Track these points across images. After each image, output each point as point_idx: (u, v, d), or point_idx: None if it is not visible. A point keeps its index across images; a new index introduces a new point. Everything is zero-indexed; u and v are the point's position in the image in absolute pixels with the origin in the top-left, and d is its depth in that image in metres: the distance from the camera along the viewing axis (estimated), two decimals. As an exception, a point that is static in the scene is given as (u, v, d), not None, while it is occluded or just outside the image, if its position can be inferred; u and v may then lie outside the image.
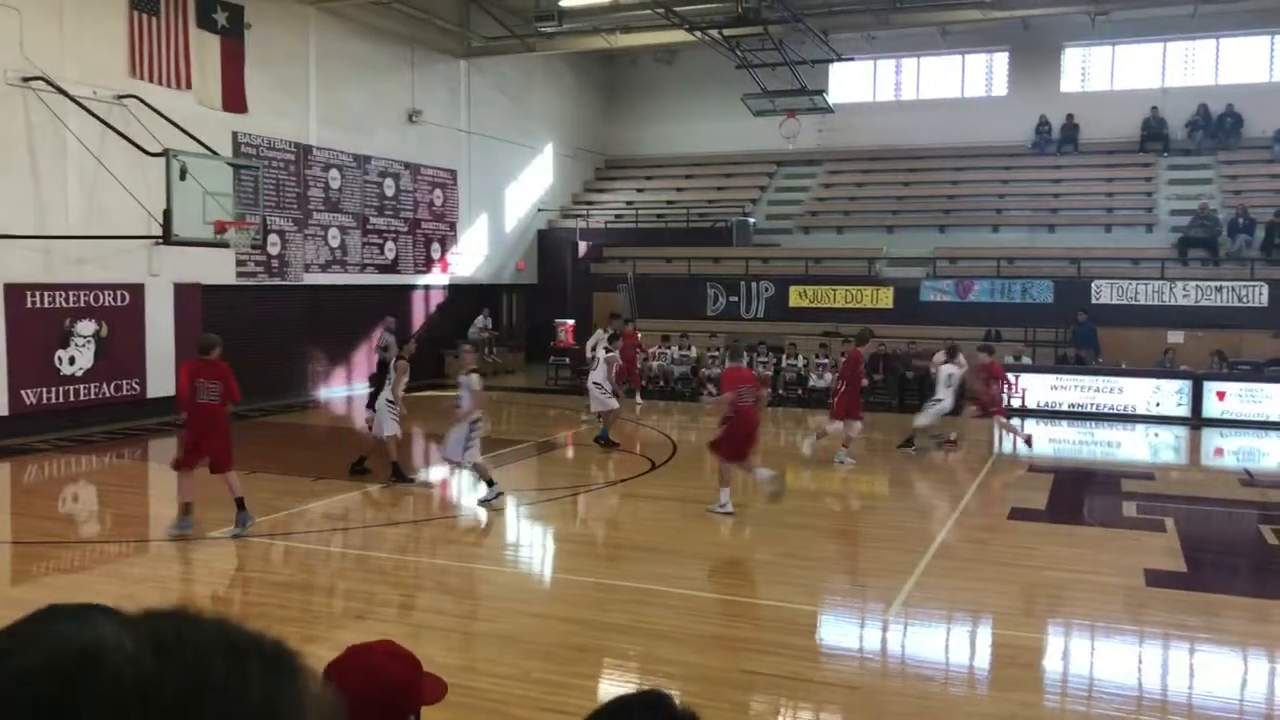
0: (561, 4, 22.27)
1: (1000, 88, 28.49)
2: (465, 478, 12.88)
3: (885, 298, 23.49)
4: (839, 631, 7.96)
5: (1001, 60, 28.31)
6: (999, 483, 13.64)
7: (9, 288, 15.03)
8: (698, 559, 9.84)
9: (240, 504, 10.08)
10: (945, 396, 16.08)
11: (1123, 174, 26.17)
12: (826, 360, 21.57)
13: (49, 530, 10.66)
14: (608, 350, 16.15)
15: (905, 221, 26.63)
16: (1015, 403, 19.82)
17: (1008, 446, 16.50)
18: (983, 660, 7.43)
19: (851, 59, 25.03)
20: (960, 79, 28.93)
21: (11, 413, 15.09)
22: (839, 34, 23.81)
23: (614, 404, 15.65)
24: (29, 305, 15.32)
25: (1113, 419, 19.05)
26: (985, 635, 7.95)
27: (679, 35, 22.83)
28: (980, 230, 25.72)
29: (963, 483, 13.38)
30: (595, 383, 15.55)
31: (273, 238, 19.65)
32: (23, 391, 15.27)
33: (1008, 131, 27.52)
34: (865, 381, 15.39)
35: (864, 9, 22.97)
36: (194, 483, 10.14)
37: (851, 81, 29.01)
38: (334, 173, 21.34)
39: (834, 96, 26.58)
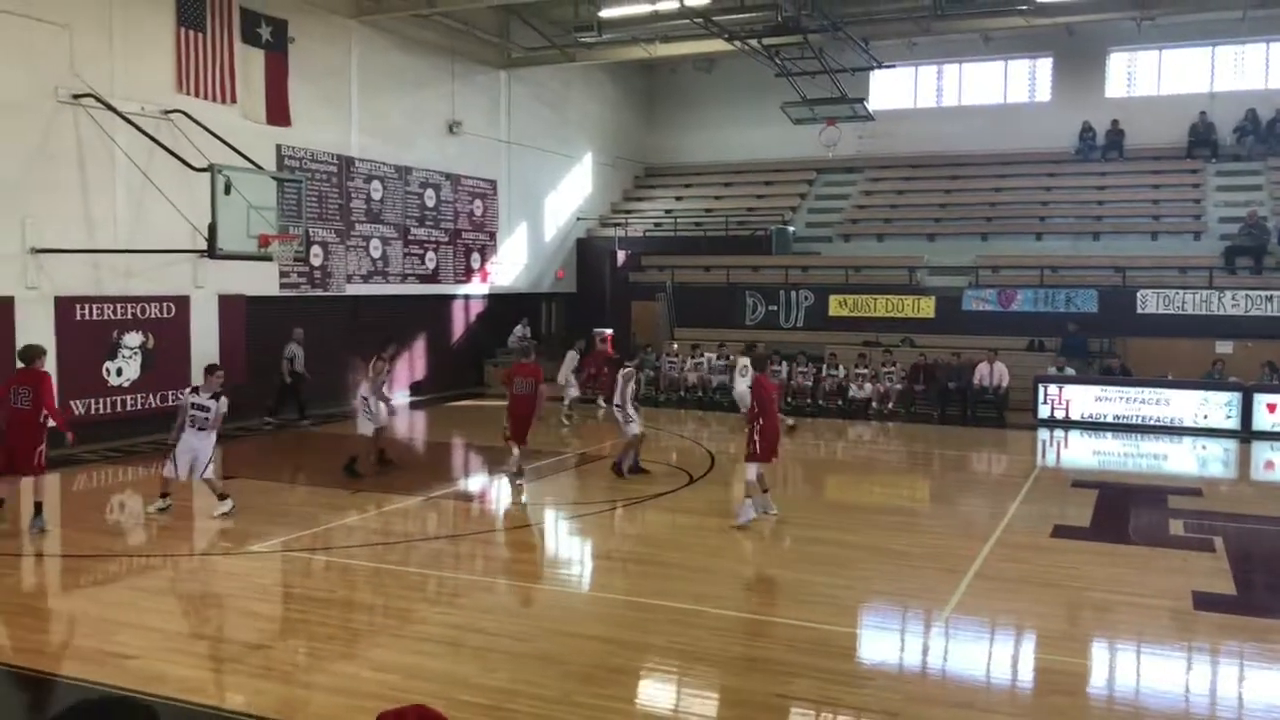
0: (601, 14, 22.30)
1: (1044, 93, 28.17)
2: (505, 490, 12.96)
3: (927, 307, 23.29)
4: (877, 654, 7.88)
5: (1045, 66, 28.00)
6: (1042, 498, 13.44)
7: (60, 300, 15.33)
8: (734, 578, 9.80)
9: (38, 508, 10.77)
10: None
11: (1169, 181, 25.76)
12: (866, 370, 21.43)
13: (96, 544, 10.82)
14: (625, 367, 14.87)
15: (947, 229, 26.40)
16: (1059, 414, 19.59)
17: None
18: (1025, 685, 7.32)
19: (892, 66, 24.83)
20: (1003, 85, 28.65)
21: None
22: (880, 41, 23.64)
23: (636, 429, 14.06)
24: (78, 317, 15.61)
25: (1159, 432, 18.74)
26: (1028, 659, 7.84)
27: (718, 45, 22.82)
28: (1023, 238, 25.44)
29: (1005, 498, 13.21)
30: (617, 405, 14.14)
31: (315, 249, 19.87)
32: (72, 402, 15.54)
33: (1051, 138, 27.21)
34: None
35: (905, 16, 22.82)
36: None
37: (892, 88, 28.81)
38: (375, 184, 21.55)
39: (874, 103, 26.45)
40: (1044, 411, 19.72)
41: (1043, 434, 19.05)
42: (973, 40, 26.43)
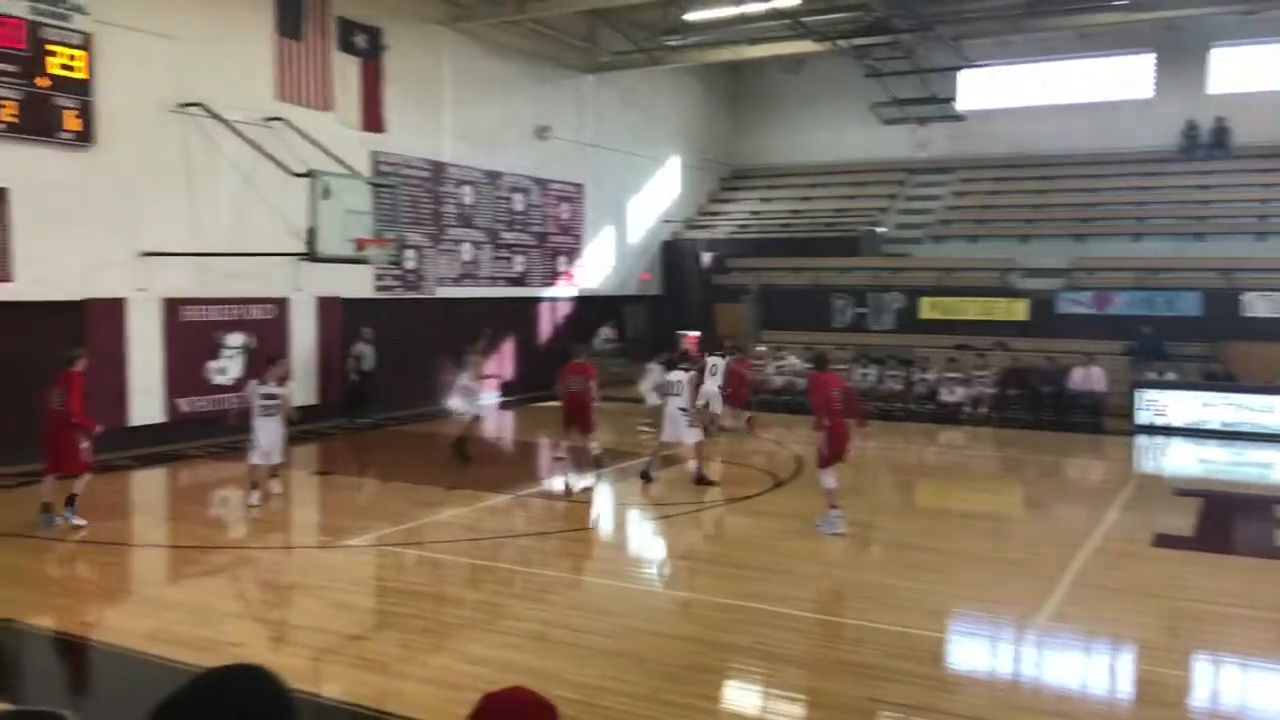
0: (688, 18, 22.38)
1: (1144, 90, 27.33)
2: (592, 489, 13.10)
3: (1019, 310, 22.84)
4: (969, 660, 7.77)
5: (1145, 62, 27.17)
6: (1142, 506, 13.07)
7: (167, 302, 15.94)
8: (821, 580, 9.76)
9: (68, 502, 10.92)
10: None
11: (1278, 179, 24.79)
12: (958, 374, 21.09)
13: (201, 535, 11.25)
14: (686, 370, 14.21)
15: (1041, 231, 25.83)
16: (1159, 421, 19.02)
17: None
18: (1124, 696, 7.15)
19: (984, 65, 24.41)
20: (1101, 82, 27.88)
21: (169, 420, 16.00)
22: (972, 40, 23.27)
23: (697, 434, 13.77)
24: (184, 319, 16.22)
25: (1267, 440, 18.04)
26: (1126, 670, 7.65)
27: (806, 45, 22.71)
28: (1120, 240, 24.73)
29: (1102, 505, 12.88)
30: (681, 409, 13.64)
31: (408, 252, 20.31)
32: (178, 400, 16.17)
33: (1152, 136, 26.42)
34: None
35: (998, 14, 22.41)
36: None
37: (984, 87, 28.28)
38: (466, 189, 21.94)
39: (966, 103, 26.05)
40: (1143, 418, 19.16)
41: (1142, 440, 18.50)
42: (1068, 38, 25.78)
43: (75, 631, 8.02)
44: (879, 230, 27.39)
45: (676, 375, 13.86)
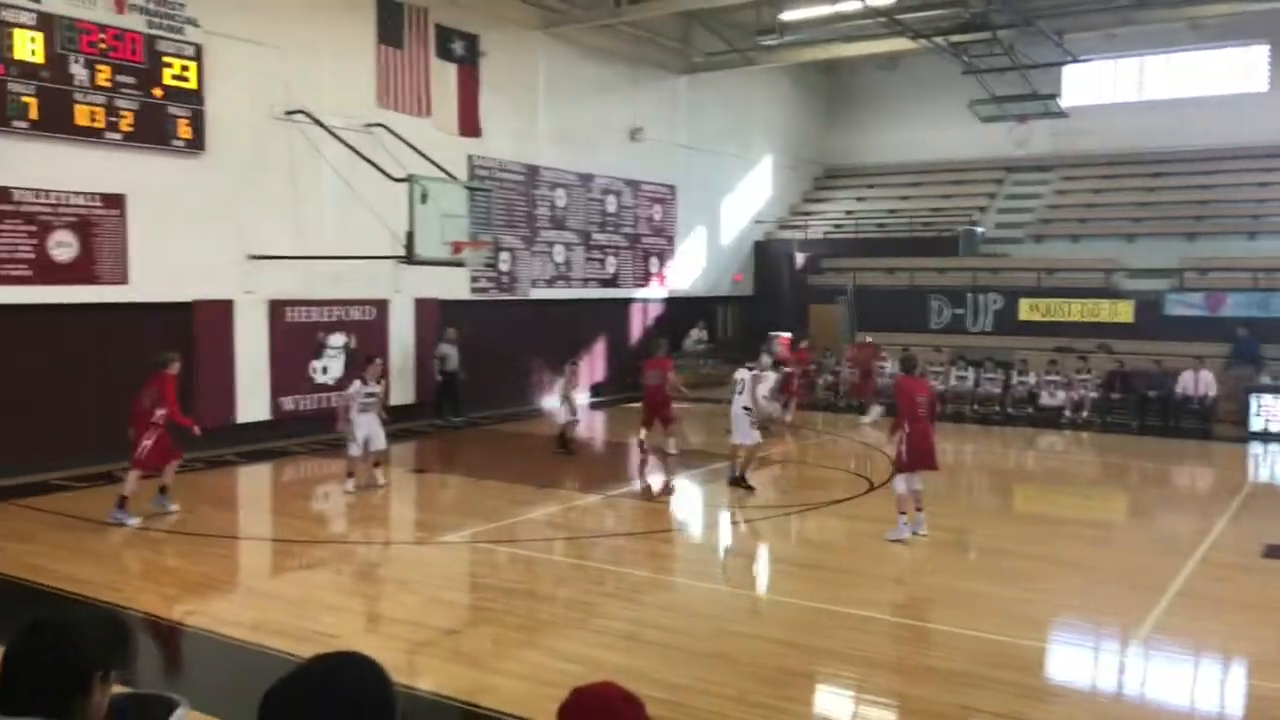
0: (783, 17, 22.25)
1: (1259, 83, 26.23)
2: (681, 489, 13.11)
3: (1125, 311, 22.14)
4: (1067, 670, 7.57)
5: (1260, 54, 26.08)
6: (1253, 515, 12.56)
7: (273, 303, 16.48)
8: (913, 586, 9.62)
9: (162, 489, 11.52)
10: None
11: (1406, 174, 23.58)
12: (1059, 377, 20.54)
13: (303, 529, 11.60)
14: (750, 369, 13.65)
15: (1148, 230, 24.99)
16: (1275, 428, 18.26)
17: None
18: (1233, 713, 6.89)
19: (1088, 59, 23.72)
20: (1213, 75, 26.84)
21: (273, 418, 16.53)
22: (1075, 34, 22.63)
23: (757, 436, 13.33)
24: (288, 320, 16.74)
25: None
26: (1237, 684, 7.36)
27: (902, 43, 22.38)
28: (1234, 238, 23.78)
29: (1211, 514, 12.41)
30: (745, 408, 13.23)
31: (503, 255, 20.62)
32: (282, 398, 16.69)
33: (1268, 130, 25.31)
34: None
35: (1104, 7, 21.76)
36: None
37: (1088, 82, 27.50)
38: (560, 191, 22.17)
39: (1069, 99, 25.35)
40: (1257, 424, 18.40)
41: (1255, 448, 17.77)
42: (1178, 29, 24.87)
43: (183, 620, 8.35)
44: (977, 230, 26.83)
45: (740, 373, 13.59)
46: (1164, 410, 19.55)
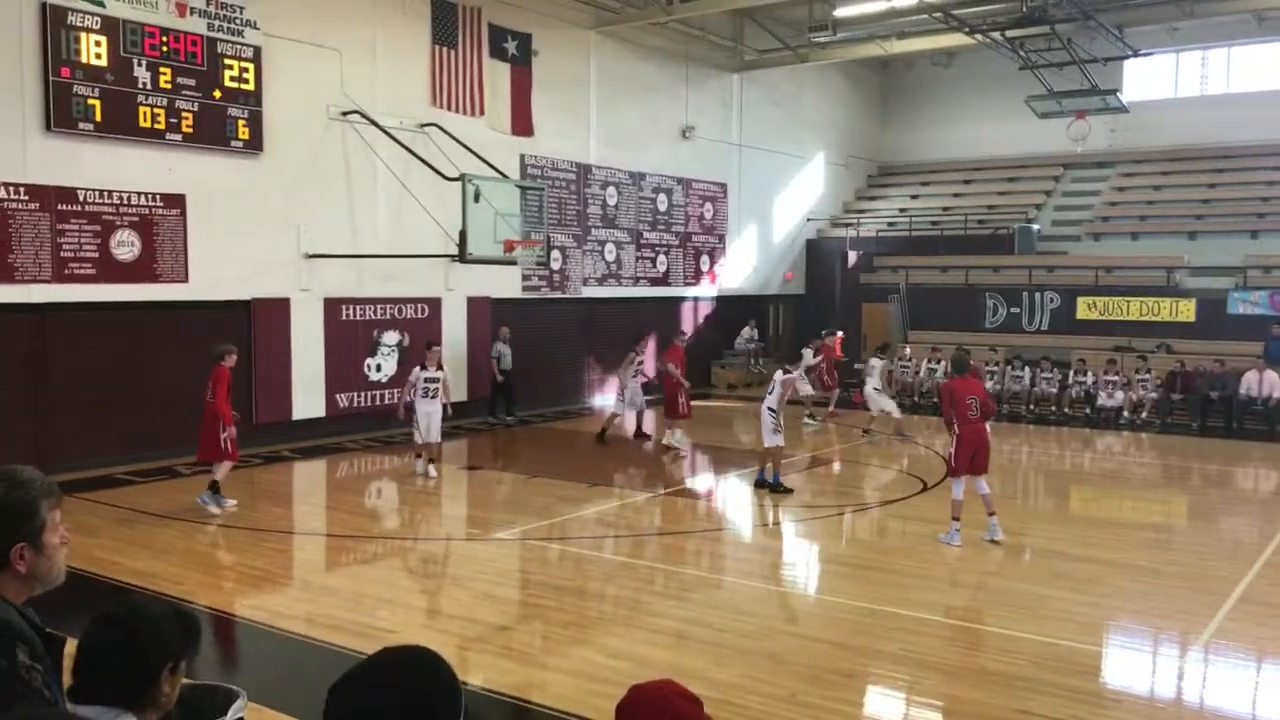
0: (836, 14, 22.08)
1: (1328, 76, 25.55)
2: (732, 487, 13.05)
3: (1186, 310, 21.68)
4: (1127, 676, 7.43)
5: (1330, 45, 25.40)
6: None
7: (328, 301, 16.70)
8: (969, 588, 9.50)
9: (210, 487, 11.68)
10: None
11: None
12: (1117, 377, 20.17)
13: (357, 525, 11.76)
14: (787, 372, 13.39)
15: (1210, 227, 24.46)
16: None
17: None
18: (1297, 721, 6.73)
19: (1149, 53, 23.24)
20: (1278, 69, 26.16)
21: (328, 414, 16.76)
22: (1136, 28, 22.21)
23: (779, 440, 12.97)
24: (343, 317, 16.96)
25: None
26: (1300, 693, 7.18)
27: (958, 39, 22.14)
28: (1302, 235, 23.20)
29: (1275, 517, 12.11)
30: (769, 409, 12.91)
31: (554, 253, 20.72)
32: (337, 395, 16.92)
33: (1338, 124, 24.66)
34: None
35: (1166, 0, 21.33)
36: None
37: (1149, 77, 26.95)
38: (611, 190, 22.22)
39: (1129, 94, 24.87)
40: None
41: (1323, 450, 17.31)
42: (1244, 22, 24.32)
43: (241, 613, 8.50)
44: (1033, 227, 26.43)
45: (776, 375, 13.33)
46: (1227, 411, 19.12)
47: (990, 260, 25.19)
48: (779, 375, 13.26)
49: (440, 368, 14.05)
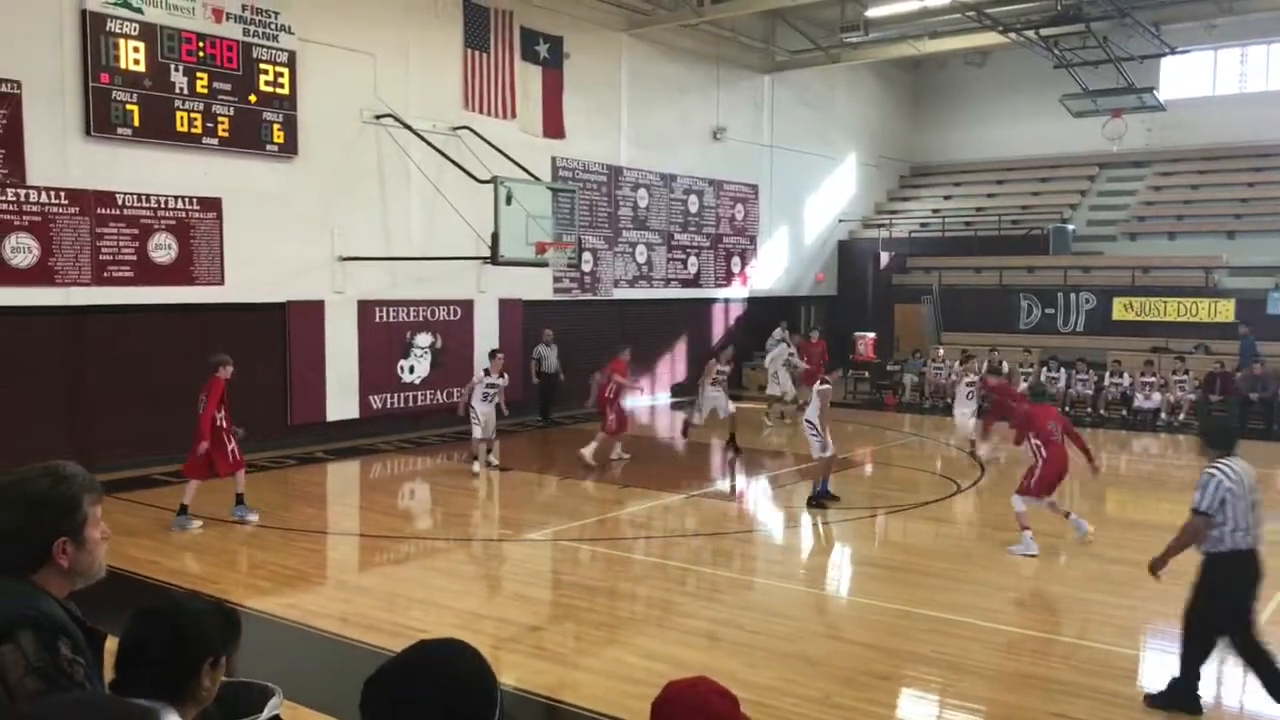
0: (868, 14, 21.98)
1: (1371, 72, 25.11)
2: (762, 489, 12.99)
3: (1225, 310, 21.38)
4: (1164, 680, 7.32)
5: (1373, 41, 24.98)
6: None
7: (361, 304, 16.83)
8: (1005, 590, 9.40)
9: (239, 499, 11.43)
10: None
11: None
12: (1154, 379, 19.92)
13: (390, 525, 11.83)
14: (823, 383, 12.85)
15: (1250, 226, 24.10)
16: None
17: None
18: (1341, 727, 6.60)
19: (1187, 51, 22.96)
20: (1320, 65, 25.78)
21: (361, 416, 16.88)
22: (1173, 25, 21.94)
23: (828, 451, 12.45)
24: (377, 320, 17.08)
25: None
26: (1345, 699, 7.04)
27: (991, 38, 21.97)
28: (1344, 234, 22.80)
29: (1319, 521, 11.90)
30: (808, 422, 12.53)
31: (585, 255, 20.76)
32: (370, 397, 17.04)
33: (1381, 121, 24.22)
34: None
35: (1204, -3, 21.08)
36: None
37: (1187, 75, 26.60)
38: (642, 192, 22.23)
39: (1166, 92, 24.58)
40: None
41: (1366, 452, 17.00)
42: (1283, 18, 24.00)
43: (276, 612, 8.57)
44: (1068, 227, 26.17)
45: (816, 386, 12.99)
46: (1267, 413, 18.83)
47: (1024, 261, 24.97)
48: (816, 387, 12.92)
49: (502, 375, 14.67)
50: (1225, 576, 6.39)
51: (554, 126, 19.89)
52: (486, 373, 14.58)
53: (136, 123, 13.88)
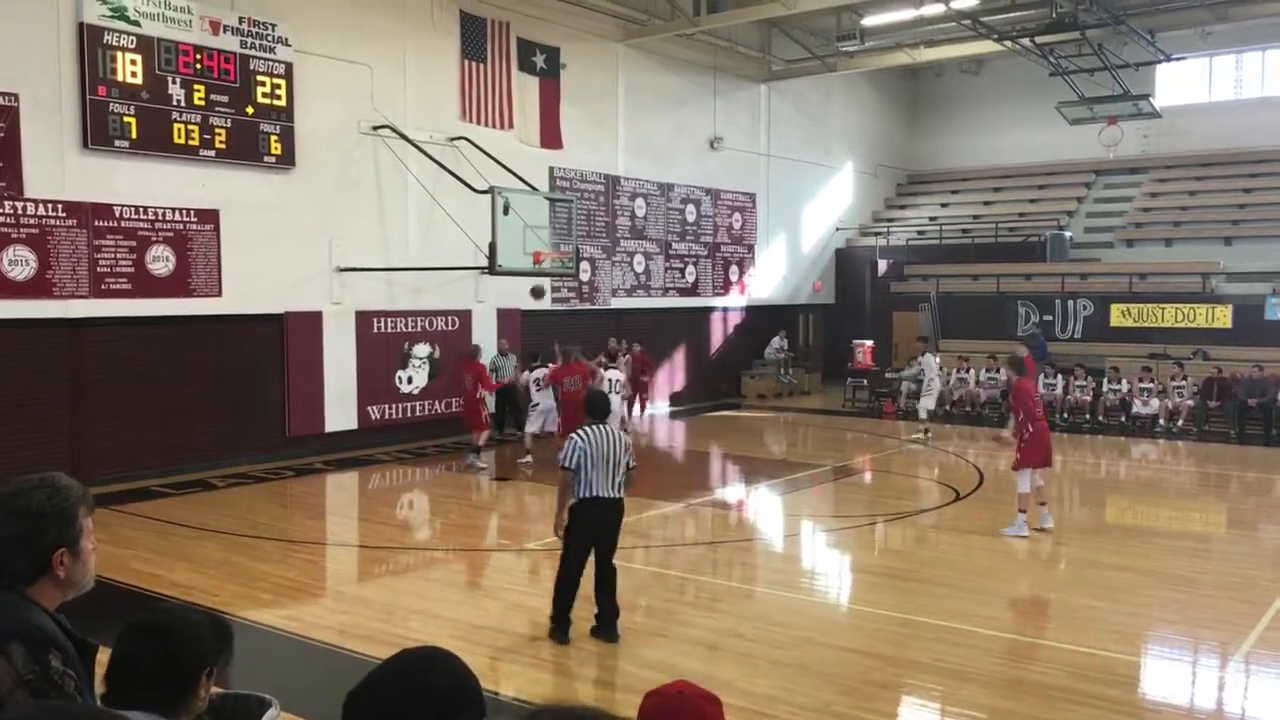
0: (864, 23, 22.04)
1: (1366, 78, 25.16)
2: (765, 497, 12.95)
3: (1222, 316, 21.40)
4: (1166, 687, 7.32)
5: (1368, 47, 25.04)
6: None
7: (359, 315, 16.82)
8: (1004, 598, 9.40)
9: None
10: None
11: None
12: (1152, 385, 19.93)
13: (390, 536, 11.81)
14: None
15: (1247, 232, 24.13)
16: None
17: None
18: (1342, 733, 6.59)
19: (1182, 58, 23.02)
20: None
21: (359, 427, 16.87)
22: (1168, 32, 22.01)
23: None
24: (375, 330, 17.08)
25: None
26: (1345, 705, 7.04)
27: (987, 45, 22.03)
28: (1341, 239, 22.82)
29: (1318, 527, 11.91)
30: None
31: (583, 265, 20.76)
32: (369, 408, 17.02)
33: (1376, 127, 24.26)
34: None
35: (1199, 4, 21.14)
36: None
37: (1182, 82, 26.68)
38: (639, 201, 22.26)
39: (1162, 99, 24.63)
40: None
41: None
42: (1278, 25, 24.03)
43: (274, 624, 8.55)
44: (1065, 234, 26.20)
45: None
46: (1266, 418, 18.84)
47: (1022, 268, 24.99)
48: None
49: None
50: None
51: (551, 137, 19.93)
52: (529, 370, 16.05)
53: (134, 135, 13.89)
